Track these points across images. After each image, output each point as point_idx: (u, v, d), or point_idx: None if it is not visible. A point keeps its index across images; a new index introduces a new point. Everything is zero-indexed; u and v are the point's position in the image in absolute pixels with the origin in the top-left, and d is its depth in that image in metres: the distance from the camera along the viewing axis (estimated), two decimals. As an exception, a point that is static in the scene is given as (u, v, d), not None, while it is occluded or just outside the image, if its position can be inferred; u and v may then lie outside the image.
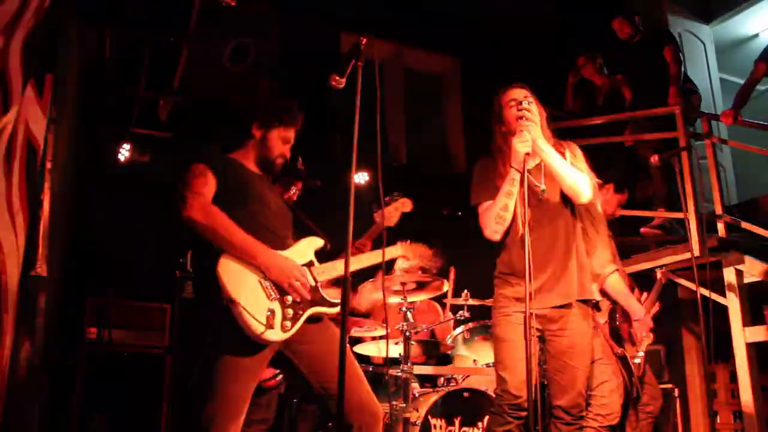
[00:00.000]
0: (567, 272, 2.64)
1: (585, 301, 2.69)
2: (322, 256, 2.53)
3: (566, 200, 2.72)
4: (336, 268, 2.45)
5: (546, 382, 2.75)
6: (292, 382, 3.14)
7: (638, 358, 3.67)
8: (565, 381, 2.60)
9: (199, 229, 2.23)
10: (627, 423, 3.88)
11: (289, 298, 2.29)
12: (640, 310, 3.66)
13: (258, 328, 2.16)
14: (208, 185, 2.31)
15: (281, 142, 2.52)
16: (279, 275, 2.26)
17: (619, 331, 3.66)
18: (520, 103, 2.62)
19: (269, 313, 2.20)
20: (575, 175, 2.64)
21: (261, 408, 2.95)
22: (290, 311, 2.27)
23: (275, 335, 2.20)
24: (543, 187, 2.62)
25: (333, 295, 2.43)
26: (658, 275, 4.05)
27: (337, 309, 2.39)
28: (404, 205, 3.17)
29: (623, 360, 3.70)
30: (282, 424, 3.56)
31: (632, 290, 3.98)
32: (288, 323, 2.25)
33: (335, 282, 3.04)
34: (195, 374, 2.28)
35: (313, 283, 2.38)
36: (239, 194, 2.37)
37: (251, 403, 2.83)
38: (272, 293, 2.26)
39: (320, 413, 3.51)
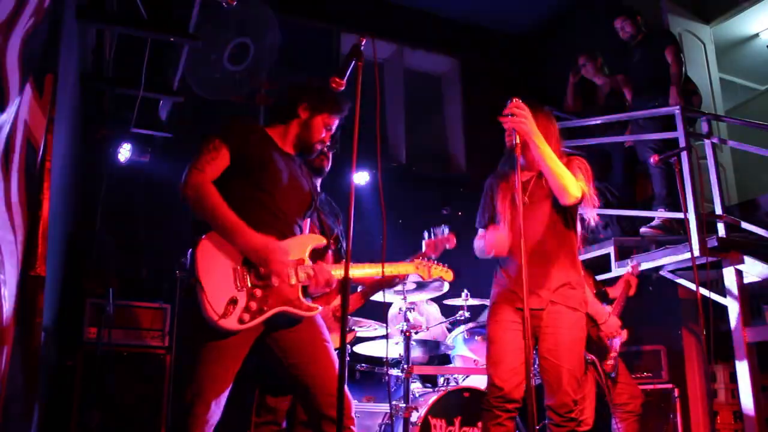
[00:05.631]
0: (550, 279, 2.70)
1: (570, 307, 2.71)
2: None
3: (556, 206, 2.76)
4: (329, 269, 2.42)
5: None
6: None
7: (611, 359, 3.70)
8: (552, 380, 2.64)
9: (191, 205, 2.26)
10: (613, 424, 3.90)
11: (258, 292, 2.26)
12: (604, 313, 3.70)
13: (212, 315, 2.16)
14: (217, 160, 2.32)
15: (324, 128, 2.55)
16: (256, 257, 2.24)
17: (590, 337, 3.68)
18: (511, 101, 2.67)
19: (230, 301, 2.20)
20: (566, 175, 2.66)
21: (270, 411, 2.93)
22: (254, 304, 2.24)
23: (228, 324, 2.19)
24: (525, 199, 2.72)
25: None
26: (629, 269, 4.09)
27: (310, 313, 2.35)
28: (449, 241, 3.15)
29: (593, 365, 3.72)
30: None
31: (604, 295, 4.03)
32: (247, 315, 2.22)
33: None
34: (181, 357, 2.27)
35: (293, 282, 2.33)
36: (255, 171, 2.37)
37: (260, 406, 2.82)
38: (241, 283, 2.24)
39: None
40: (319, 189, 3.02)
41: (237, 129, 2.41)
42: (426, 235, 3.24)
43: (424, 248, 3.18)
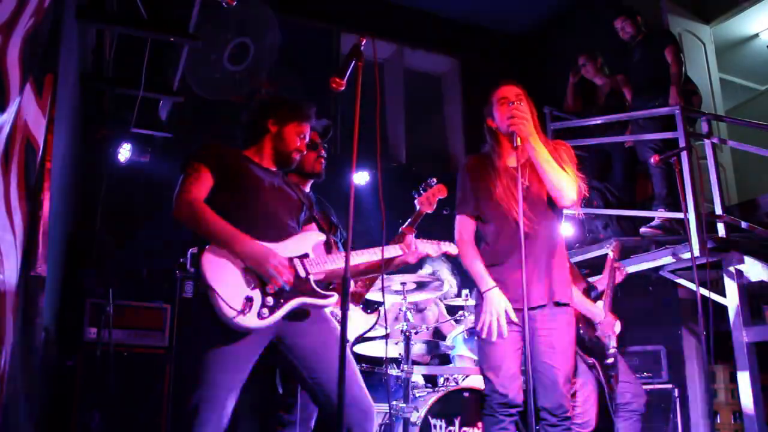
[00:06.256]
0: (547, 273, 2.66)
1: (565, 305, 2.69)
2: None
3: (551, 202, 2.73)
4: (335, 262, 2.45)
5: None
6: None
7: (610, 358, 3.68)
8: (547, 382, 2.61)
9: (185, 224, 2.31)
10: (616, 424, 3.89)
11: (272, 288, 2.28)
12: (600, 312, 3.67)
13: (230, 312, 2.17)
14: (200, 180, 2.39)
15: (296, 136, 2.61)
16: (254, 262, 2.26)
17: (584, 339, 3.67)
18: (511, 102, 2.64)
19: (246, 300, 2.21)
20: (563, 177, 2.64)
21: (296, 408, 2.93)
22: (271, 300, 2.26)
23: (248, 321, 2.20)
24: (526, 183, 2.65)
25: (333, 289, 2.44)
26: (609, 254, 4.08)
27: (328, 301, 2.38)
28: (440, 191, 3.24)
29: (593, 368, 3.71)
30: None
31: (592, 290, 4.01)
32: (266, 311, 2.23)
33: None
34: (183, 361, 2.27)
35: (303, 275, 2.37)
36: (236, 183, 2.43)
37: (288, 403, 2.84)
38: (254, 281, 2.26)
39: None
40: (310, 192, 3.05)
41: (212, 150, 2.49)
42: (415, 194, 3.26)
43: (418, 207, 3.21)
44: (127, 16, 3.66)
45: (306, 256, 2.43)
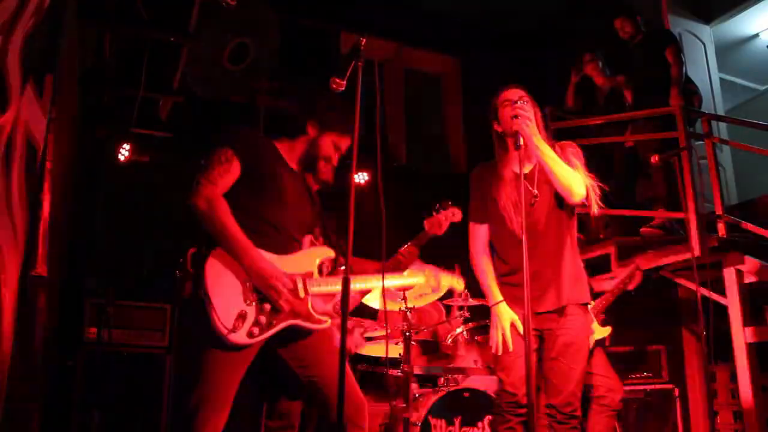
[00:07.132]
0: (560, 277, 2.66)
1: (582, 304, 2.69)
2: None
3: (560, 204, 2.72)
4: (336, 284, 2.39)
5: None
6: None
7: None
8: (559, 380, 2.62)
9: (199, 216, 2.23)
10: (588, 417, 3.88)
11: (267, 306, 2.25)
12: None
13: (221, 329, 2.16)
14: (229, 173, 2.29)
15: (332, 147, 2.50)
16: (258, 279, 2.23)
17: None
18: (515, 102, 2.62)
19: (239, 316, 2.20)
20: (569, 174, 2.63)
21: (284, 415, 2.91)
22: (264, 318, 2.24)
23: (238, 338, 2.18)
24: (536, 192, 2.64)
25: (321, 311, 2.41)
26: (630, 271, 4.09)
27: (320, 326, 2.35)
28: (454, 215, 3.09)
29: None
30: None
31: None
32: (256, 329, 2.21)
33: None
34: (185, 362, 2.26)
35: (302, 295, 2.33)
36: (262, 186, 2.35)
37: (272, 410, 2.83)
38: (251, 297, 2.24)
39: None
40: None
41: (248, 142, 2.38)
42: (425, 214, 3.12)
43: (426, 228, 3.06)
44: (127, 16, 3.66)
45: (310, 275, 2.39)
